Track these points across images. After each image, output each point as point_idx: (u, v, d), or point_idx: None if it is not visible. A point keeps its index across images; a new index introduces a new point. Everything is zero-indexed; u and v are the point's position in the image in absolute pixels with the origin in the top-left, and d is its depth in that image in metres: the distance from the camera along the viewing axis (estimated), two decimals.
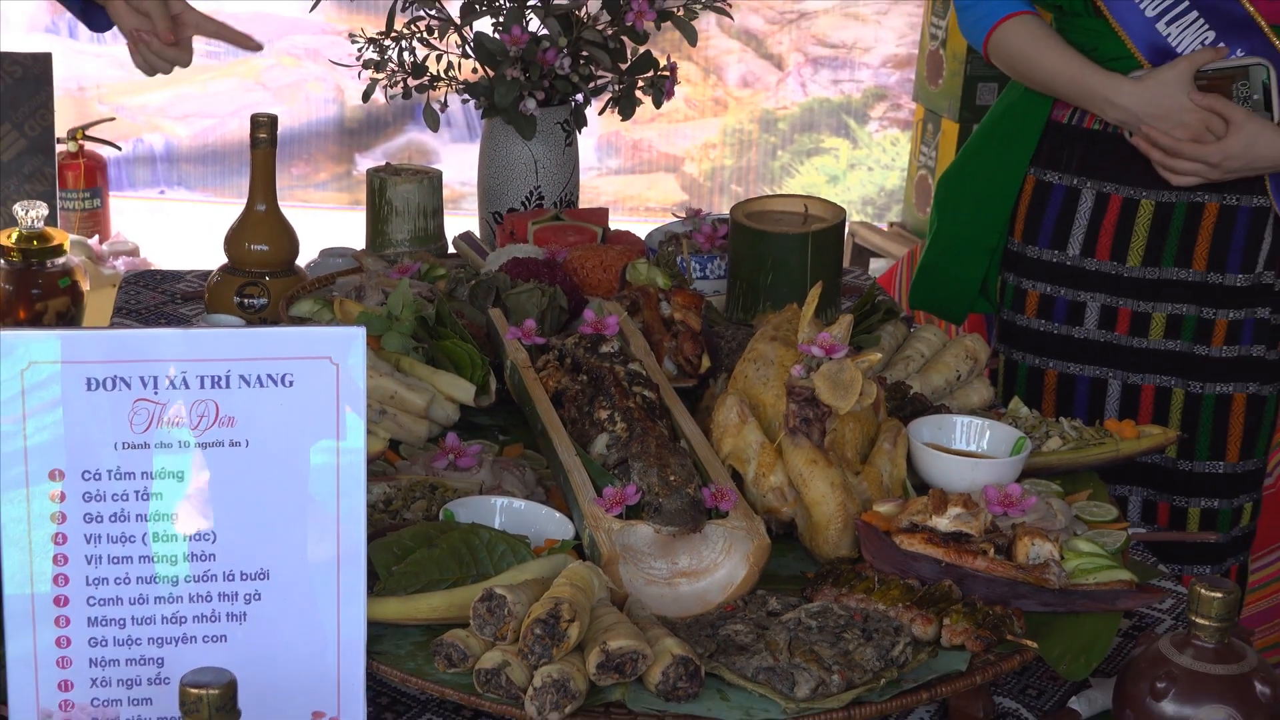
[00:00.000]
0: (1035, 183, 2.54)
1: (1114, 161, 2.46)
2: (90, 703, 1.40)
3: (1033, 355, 2.58)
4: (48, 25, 5.35)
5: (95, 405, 1.34)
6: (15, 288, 4.19)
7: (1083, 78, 2.41)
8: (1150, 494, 2.53)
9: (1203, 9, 2.35)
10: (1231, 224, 2.44)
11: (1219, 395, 2.49)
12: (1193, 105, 2.33)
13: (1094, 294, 2.51)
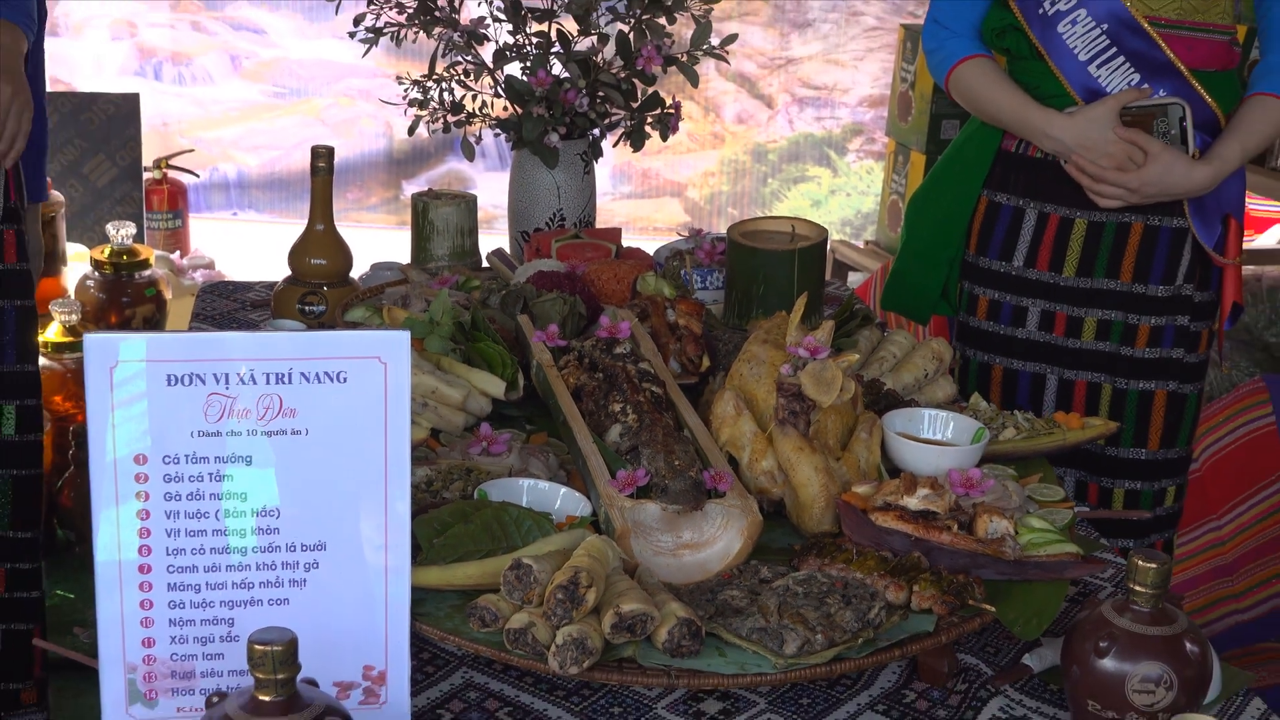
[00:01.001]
0: (987, 203, 2.55)
1: (1053, 186, 2.46)
2: (169, 658, 1.40)
3: (982, 352, 2.59)
4: (136, 69, 5.35)
5: (175, 398, 1.34)
6: (108, 296, 4.20)
7: (1024, 112, 2.42)
8: (1082, 475, 2.53)
9: (1129, 55, 2.36)
10: (1154, 242, 2.44)
11: (1141, 391, 2.49)
12: (1116, 138, 2.33)
13: (1035, 300, 2.52)
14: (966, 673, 1.68)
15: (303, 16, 5.38)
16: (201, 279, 4.68)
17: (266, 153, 5.52)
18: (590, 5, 2.85)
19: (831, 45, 5.56)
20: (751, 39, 5.46)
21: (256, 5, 5.40)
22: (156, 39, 5.41)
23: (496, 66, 2.89)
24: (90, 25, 5.37)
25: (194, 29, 5.41)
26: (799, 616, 1.53)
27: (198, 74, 5.46)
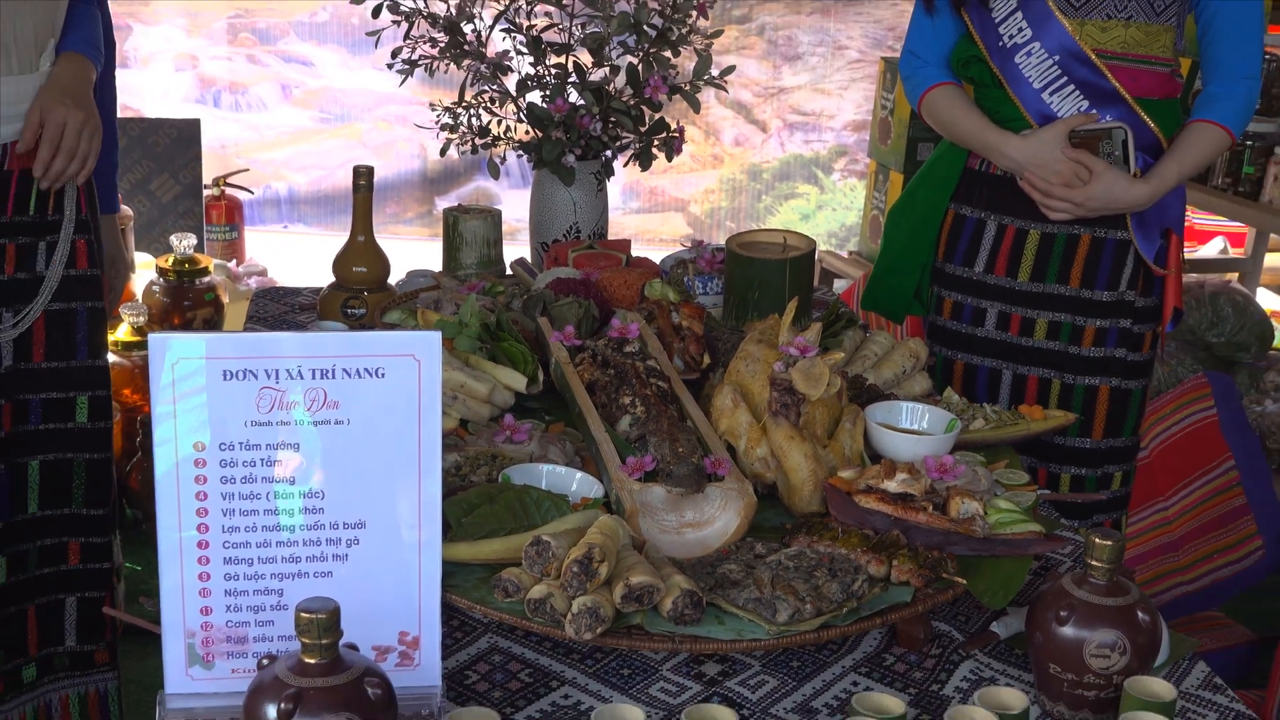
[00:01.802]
0: (954, 215, 2.54)
1: (1011, 200, 2.45)
2: (225, 624, 1.39)
3: (946, 349, 2.58)
4: (198, 97, 5.36)
5: (230, 392, 1.34)
6: (171, 300, 4.21)
7: (983, 134, 2.41)
8: (1033, 461, 2.51)
9: (1078, 83, 2.36)
10: (1100, 252, 2.44)
11: (1087, 386, 2.48)
12: (1064, 158, 2.33)
13: (993, 302, 2.51)
14: (940, 639, 1.68)
15: (346, 50, 5.39)
16: (255, 285, 4.68)
17: (314, 172, 5.52)
18: (603, 40, 2.84)
19: (819, 76, 5.55)
20: (747, 70, 5.45)
21: (305, 40, 5.40)
22: (216, 70, 5.42)
23: (519, 94, 2.89)
24: (157, 58, 5.37)
25: (249, 61, 5.41)
26: (790, 588, 1.53)
27: (252, 102, 5.46)
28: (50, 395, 2.34)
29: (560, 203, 2.89)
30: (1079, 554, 1.87)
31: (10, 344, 2.27)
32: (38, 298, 2.29)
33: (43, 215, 2.28)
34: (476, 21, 2.87)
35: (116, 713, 2.57)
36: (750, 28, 5.44)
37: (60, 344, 2.34)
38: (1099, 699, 1.48)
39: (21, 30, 2.17)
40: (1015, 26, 2.37)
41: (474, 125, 2.91)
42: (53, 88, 2.22)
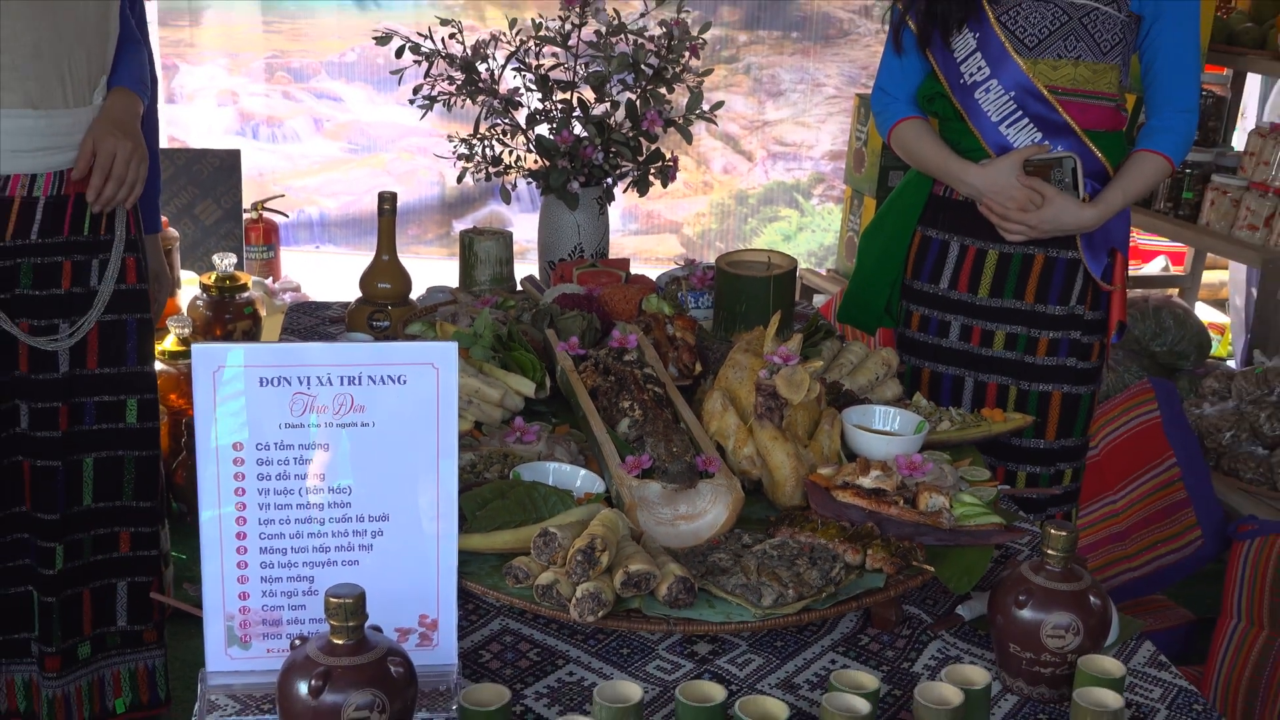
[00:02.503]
0: (920, 236, 2.53)
1: (972, 223, 2.45)
2: (261, 608, 1.39)
3: (915, 359, 2.57)
4: (238, 130, 5.36)
5: (266, 396, 1.33)
6: (213, 313, 4.20)
7: (946, 163, 2.41)
8: (992, 460, 2.50)
9: (1032, 117, 2.36)
10: (1053, 270, 2.44)
11: (1041, 392, 2.48)
12: (1019, 184, 2.33)
13: (956, 316, 2.50)
14: (910, 621, 1.67)
15: (372, 87, 5.39)
16: (290, 300, 4.68)
17: (343, 198, 5.52)
18: (605, 78, 2.84)
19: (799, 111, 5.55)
20: (735, 106, 5.46)
21: (335, 78, 5.40)
22: (254, 105, 5.41)
23: (529, 127, 2.89)
24: (201, 95, 5.37)
25: (285, 97, 5.41)
26: (774, 575, 1.52)
27: (288, 134, 5.46)
28: (103, 398, 2.34)
29: (566, 225, 2.89)
30: (1036, 544, 1.86)
31: (67, 352, 2.27)
32: (91, 310, 2.29)
33: (96, 235, 2.28)
34: (490, 61, 2.87)
35: (163, 686, 2.56)
36: (737, 67, 5.44)
37: (112, 352, 2.34)
38: (1054, 675, 1.47)
39: (76, 68, 2.17)
40: (975, 65, 2.37)
41: (488, 155, 2.90)
42: (104, 120, 2.22)
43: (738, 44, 5.42)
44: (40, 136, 2.15)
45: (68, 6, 2.14)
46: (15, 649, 2.37)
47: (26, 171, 2.16)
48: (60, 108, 2.16)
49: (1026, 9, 2.34)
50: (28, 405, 2.26)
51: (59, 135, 2.17)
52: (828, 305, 4.26)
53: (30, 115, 2.13)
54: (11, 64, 2.09)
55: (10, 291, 2.20)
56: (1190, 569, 3.21)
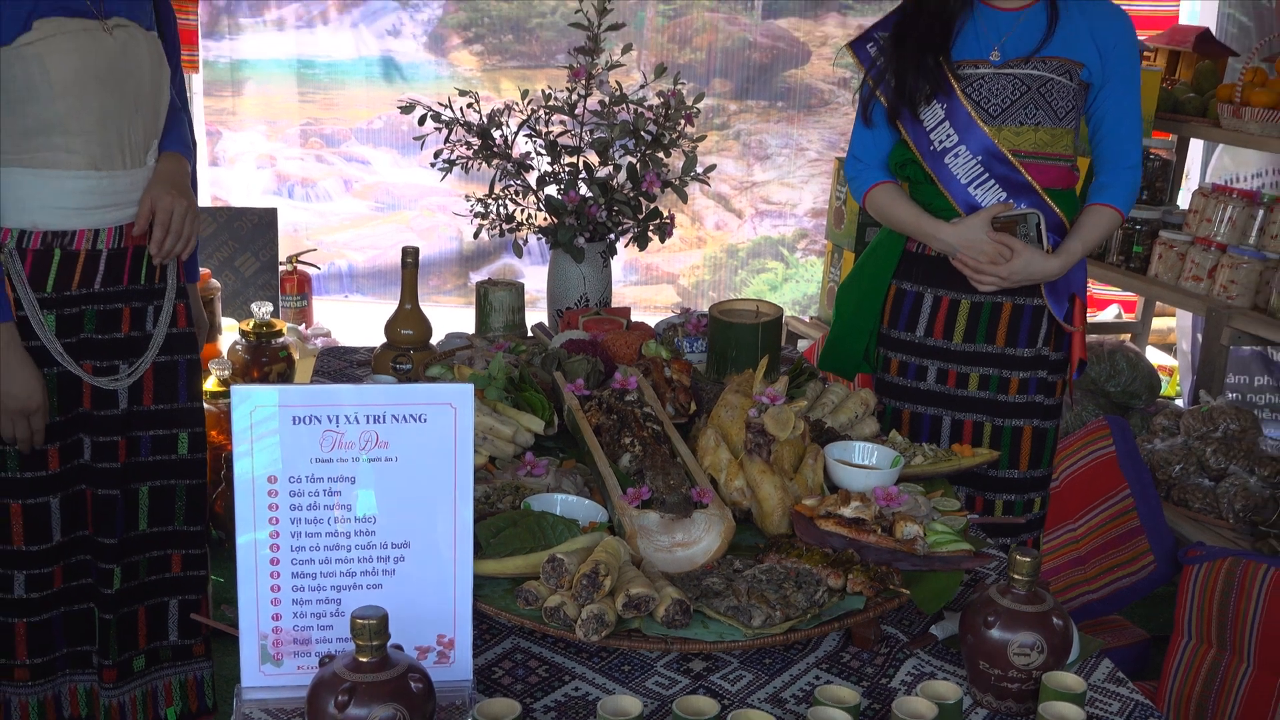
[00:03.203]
0: (896, 289, 2.53)
1: (944, 275, 2.45)
2: (292, 628, 1.38)
3: (895, 401, 2.55)
4: (275, 190, 5.38)
5: (298, 434, 1.33)
6: (251, 357, 4.20)
7: (920, 223, 2.42)
8: (971, 491, 2.51)
9: (997, 179, 2.37)
10: (1020, 316, 2.44)
11: (1013, 427, 2.48)
12: (989, 239, 2.35)
13: (932, 360, 2.50)
14: (888, 640, 1.66)
15: (397, 151, 5.41)
16: (321, 345, 4.68)
17: (369, 251, 5.53)
18: (608, 143, 2.86)
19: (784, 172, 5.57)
20: (726, 168, 5.48)
21: (363, 143, 5.42)
22: (290, 168, 5.44)
23: (539, 188, 2.90)
24: (241, 158, 5.40)
25: (318, 160, 5.43)
26: (763, 597, 1.51)
27: (320, 193, 5.48)
28: (157, 432, 2.36)
29: (572, 277, 2.89)
30: (1003, 568, 1.85)
31: (126, 390, 2.29)
32: (147, 352, 2.30)
33: (151, 284, 2.31)
34: (504, 128, 2.88)
35: (210, 696, 2.56)
36: (728, 133, 5.46)
37: (165, 390, 2.35)
38: (1021, 690, 1.46)
39: (134, 134, 2.20)
40: (944, 133, 2.38)
41: (501, 213, 2.91)
42: (161, 180, 2.25)
43: (729, 112, 5.44)
44: (102, 195, 2.18)
45: (129, 81, 2.17)
46: (78, 660, 2.38)
47: (91, 227, 2.18)
48: (120, 169, 2.19)
49: (989, 81, 2.36)
50: (90, 439, 2.27)
51: (119, 194, 2.20)
52: (811, 350, 4.26)
53: (94, 176, 2.16)
54: (80, 130, 2.12)
55: (76, 336, 2.22)
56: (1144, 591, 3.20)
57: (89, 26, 2.10)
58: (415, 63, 5.31)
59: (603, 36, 2.83)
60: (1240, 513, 3.45)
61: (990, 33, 2.38)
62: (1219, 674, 2.74)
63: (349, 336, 4.84)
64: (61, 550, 2.29)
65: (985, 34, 2.38)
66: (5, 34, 2.03)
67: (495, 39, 5.29)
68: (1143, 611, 3.48)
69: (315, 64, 5.30)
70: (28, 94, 2.06)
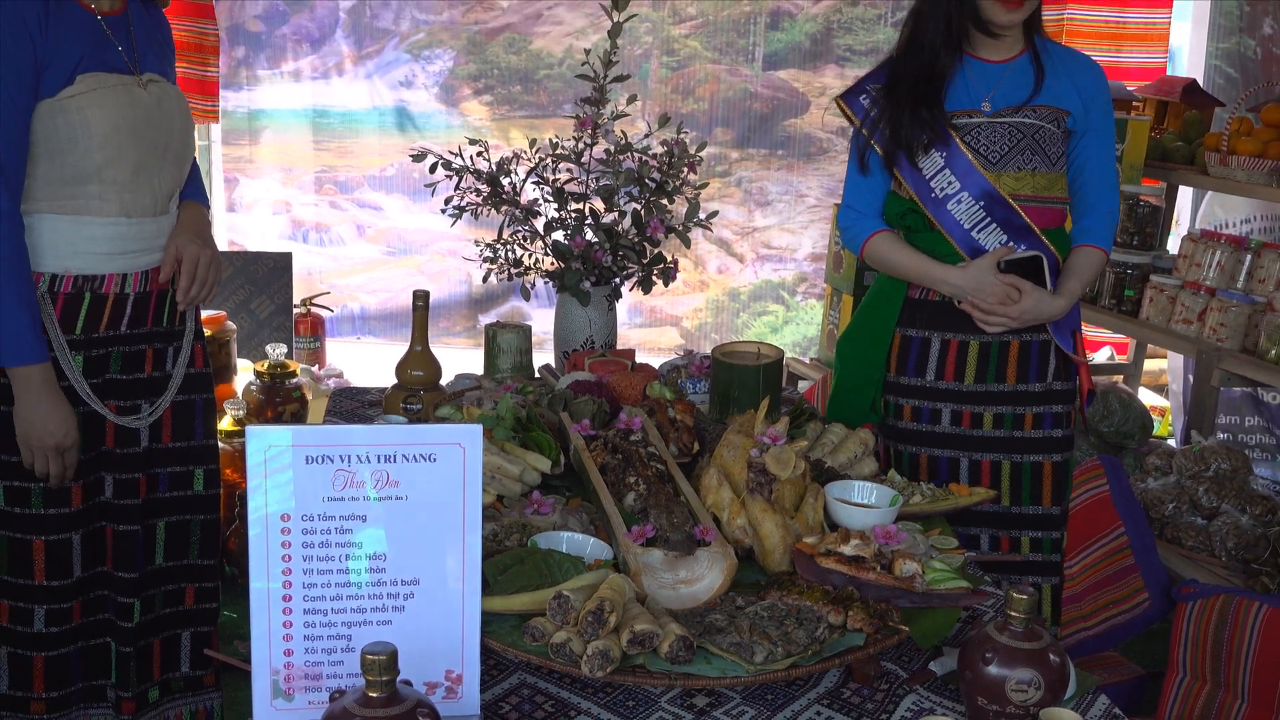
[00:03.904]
0: (901, 336, 2.50)
1: (950, 319, 2.44)
2: (303, 664, 1.37)
3: (911, 446, 2.51)
4: (290, 235, 5.40)
5: (311, 472, 1.33)
6: (265, 397, 4.20)
7: (927, 269, 2.41)
8: (994, 532, 2.48)
9: (998, 222, 2.37)
10: (1029, 353, 2.44)
11: (1033, 463, 2.46)
12: (998, 282, 2.35)
13: (945, 403, 2.47)
14: (888, 676, 1.65)
15: (408, 198, 5.44)
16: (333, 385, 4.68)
17: (381, 294, 5.55)
18: (613, 190, 2.87)
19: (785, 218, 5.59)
20: (728, 214, 5.50)
21: (376, 190, 5.45)
22: (305, 214, 5.46)
23: (546, 233, 2.91)
24: (258, 204, 5.43)
25: (331, 206, 5.46)
26: (765, 634, 1.50)
27: (334, 238, 5.50)
28: (174, 469, 2.37)
29: (578, 319, 2.90)
30: (1000, 605, 1.84)
31: (147, 428, 2.30)
32: (167, 391, 2.33)
33: (171, 325, 2.34)
34: (512, 176, 2.90)
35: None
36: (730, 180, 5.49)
37: (183, 428, 2.37)
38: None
39: (163, 183, 2.25)
40: (945, 181, 2.38)
41: (510, 258, 2.92)
42: (186, 229, 2.30)
43: (730, 160, 5.47)
44: (131, 241, 2.22)
45: (161, 133, 2.22)
46: (93, 694, 2.38)
47: (119, 271, 2.22)
48: (148, 217, 2.23)
49: (986, 130, 2.37)
50: (112, 477, 2.29)
51: (145, 239, 2.24)
52: (811, 391, 4.26)
53: (124, 223, 2.20)
54: (113, 180, 2.16)
55: (102, 376, 2.24)
56: (1139, 628, 3.17)
57: (126, 82, 2.16)
58: (427, 112, 5.35)
59: (608, 87, 2.85)
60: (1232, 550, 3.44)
61: (980, 84, 2.39)
62: (1214, 710, 2.72)
63: (361, 377, 4.84)
64: (81, 586, 2.29)
65: (975, 85, 2.39)
66: (50, 87, 2.08)
67: (504, 89, 5.34)
68: (1138, 648, 3.45)
69: (330, 113, 5.34)
70: (68, 144, 2.11)
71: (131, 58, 2.20)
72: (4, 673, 2.28)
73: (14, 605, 2.25)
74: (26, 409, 2.12)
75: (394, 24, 5.26)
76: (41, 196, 2.13)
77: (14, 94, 2.04)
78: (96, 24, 2.15)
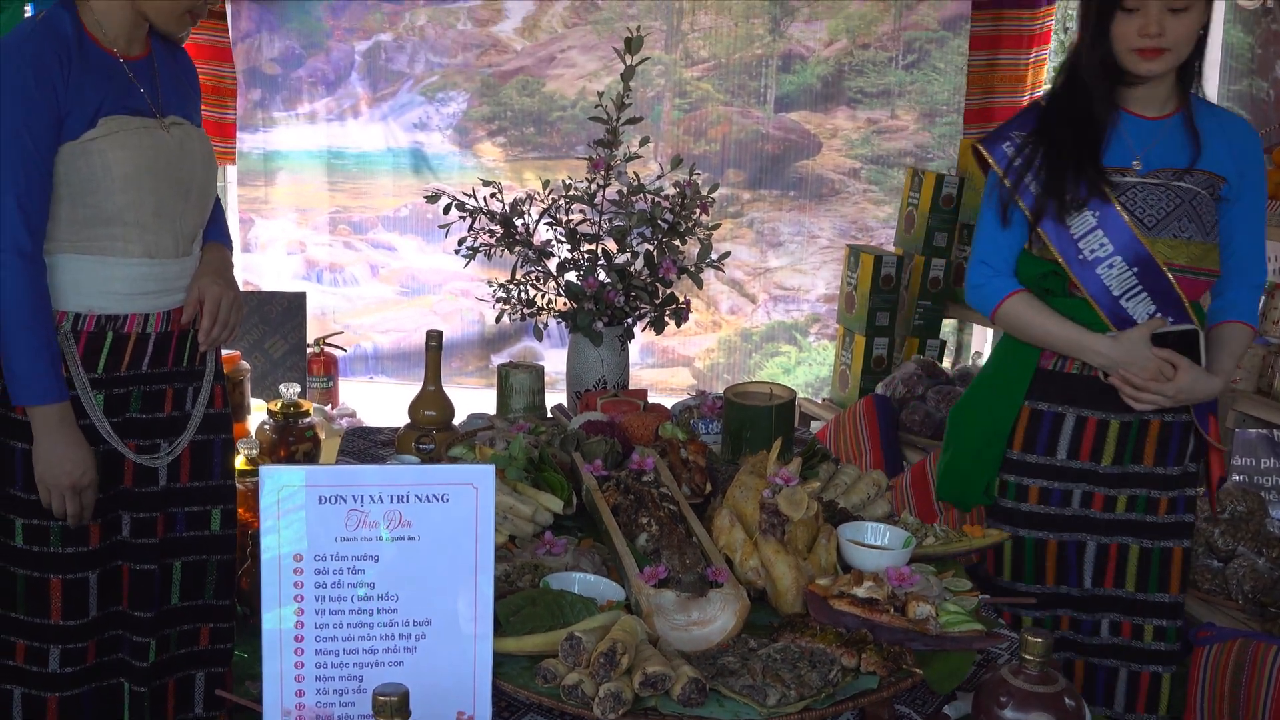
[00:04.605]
0: (1030, 410, 2.33)
1: (1087, 394, 2.30)
2: (315, 704, 1.37)
3: (1036, 531, 2.35)
4: (304, 275, 5.43)
5: (324, 512, 1.33)
6: (278, 436, 4.21)
7: (1072, 336, 2.25)
8: (1116, 617, 2.36)
9: (1150, 291, 2.23)
10: (1170, 434, 2.31)
11: (1163, 549, 2.34)
12: (1153, 356, 2.21)
13: (1077, 484, 2.33)
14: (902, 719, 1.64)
15: (421, 238, 5.47)
16: (346, 425, 4.68)
17: (394, 334, 5.57)
18: (626, 231, 2.89)
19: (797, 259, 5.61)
20: (740, 255, 5.52)
21: (389, 230, 5.48)
22: (319, 254, 5.50)
23: (559, 274, 2.92)
24: (273, 245, 5.46)
25: (345, 247, 5.50)
26: (778, 676, 1.50)
27: (347, 278, 5.53)
28: (192, 508, 2.38)
29: (591, 360, 2.90)
30: (1015, 649, 1.83)
31: (165, 467, 2.31)
32: (186, 431, 2.33)
33: (192, 366, 2.35)
34: (526, 217, 2.92)
35: None
36: (742, 221, 5.51)
37: (201, 467, 2.38)
38: None
39: (185, 225, 2.28)
40: (1096, 242, 2.23)
41: (523, 298, 2.94)
42: (208, 271, 2.32)
43: (742, 201, 5.50)
44: (154, 281, 2.24)
45: (184, 175, 2.25)
46: None
47: (141, 312, 2.23)
48: (171, 258, 2.25)
49: (1144, 192, 2.22)
50: (130, 515, 2.29)
51: (168, 280, 2.26)
52: (824, 431, 4.25)
53: (147, 264, 2.22)
54: (136, 221, 2.18)
55: (122, 415, 2.25)
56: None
57: (148, 125, 2.19)
58: (441, 154, 5.39)
59: (621, 129, 2.87)
60: (1249, 594, 3.41)
61: (1134, 141, 2.26)
62: None
63: (373, 417, 4.85)
64: (96, 625, 2.29)
65: (1128, 142, 2.26)
66: (73, 130, 2.11)
67: (518, 131, 5.38)
68: None
69: (345, 155, 5.38)
70: (90, 186, 2.14)
71: (155, 101, 2.23)
72: (18, 714, 2.27)
73: (29, 645, 2.25)
74: (45, 448, 2.13)
75: (408, 67, 5.31)
76: (65, 237, 2.16)
77: (37, 138, 2.07)
78: (119, 68, 2.19)
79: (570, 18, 5.29)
